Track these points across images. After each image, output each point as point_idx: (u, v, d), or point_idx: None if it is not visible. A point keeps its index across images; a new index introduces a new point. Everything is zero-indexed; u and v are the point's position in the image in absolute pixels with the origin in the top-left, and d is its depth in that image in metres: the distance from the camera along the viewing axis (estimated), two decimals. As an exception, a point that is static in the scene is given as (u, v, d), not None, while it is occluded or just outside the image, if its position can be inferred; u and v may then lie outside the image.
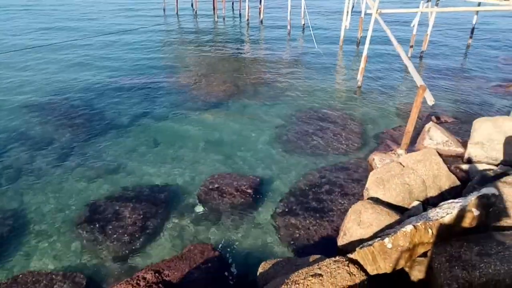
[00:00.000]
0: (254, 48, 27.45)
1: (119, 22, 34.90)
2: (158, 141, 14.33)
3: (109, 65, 22.68)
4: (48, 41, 27.07)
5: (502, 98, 17.40)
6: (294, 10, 31.30)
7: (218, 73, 21.56)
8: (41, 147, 13.81)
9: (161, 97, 18.23)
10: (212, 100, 17.85)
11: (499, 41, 27.66)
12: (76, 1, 44.56)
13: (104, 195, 11.26)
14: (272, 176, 12.23)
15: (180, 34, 31.28)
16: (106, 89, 19.02)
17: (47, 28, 31.66)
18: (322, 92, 18.73)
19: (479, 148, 12.00)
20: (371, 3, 18.13)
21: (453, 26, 31.79)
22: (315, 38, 26.90)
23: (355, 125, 15.36)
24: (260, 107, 17.26)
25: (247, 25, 33.64)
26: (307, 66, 22.79)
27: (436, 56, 24.08)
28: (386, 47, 23.95)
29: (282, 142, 14.21)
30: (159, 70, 21.85)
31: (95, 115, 16.38)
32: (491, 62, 22.82)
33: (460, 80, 20.06)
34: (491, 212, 6.34)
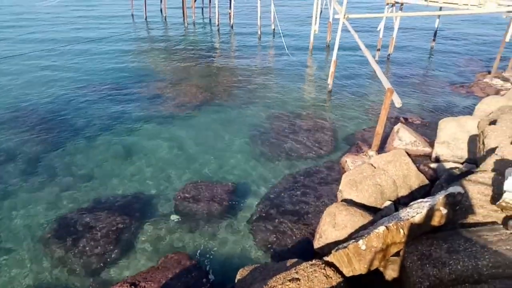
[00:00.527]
0: (225, 53, 27.48)
1: (87, 29, 34.08)
2: (130, 150, 14.06)
3: (77, 75, 22.08)
4: (12, 51, 26.12)
5: (464, 98, 18.18)
6: (264, 15, 31.60)
7: (190, 79, 21.44)
8: (7, 160, 13.26)
9: (132, 105, 17.92)
10: (184, 107, 17.71)
11: (460, 43, 28.93)
12: (40, 10, 43.13)
13: (75, 207, 10.94)
14: (247, 182, 12.26)
15: (150, 40, 30.89)
16: (75, 99, 18.51)
17: (11, 38, 30.51)
18: (294, 96, 18.96)
19: (445, 147, 12.49)
20: (338, 8, 18.56)
21: (417, 30, 32.99)
22: (285, 42, 27.24)
23: (327, 128, 15.64)
24: (233, 112, 17.28)
25: (218, 31, 33.64)
26: (278, 71, 23.02)
27: (402, 58, 24.90)
28: (354, 51, 24.54)
29: (256, 147, 14.27)
30: (130, 78, 21.48)
31: (63, 125, 15.89)
32: (453, 64, 23.82)
33: (425, 82, 20.82)
34: (458, 210, 6.61)
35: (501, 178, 6.98)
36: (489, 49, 27.08)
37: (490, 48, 27.26)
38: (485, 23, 35.12)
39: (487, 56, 25.30)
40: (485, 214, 6.63)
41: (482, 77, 20.54)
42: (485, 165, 8.11)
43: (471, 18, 35.72)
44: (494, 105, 13.18)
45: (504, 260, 5.30)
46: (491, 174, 7.42)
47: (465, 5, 18.95)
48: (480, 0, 18.91)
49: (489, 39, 29.97)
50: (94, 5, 46.80)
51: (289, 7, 44.40)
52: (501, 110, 11.98)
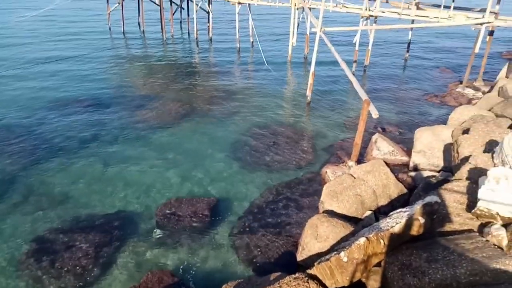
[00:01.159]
0: (204, 67, 27.54)
1: (62, 45, 33.57)
2: (109, 166, 13.82)
3: (53, 92, 21.57)
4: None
5: (438, 108, 18.75)
6: (243, 28, 31.92)
7: (169, 94, 21.34)
8: (-21, 179, 12.84)
9: (112, 120, 17.68)
10: (164, 120, 17.60)
11: (432, 54, 29.94)
12: (14, 26, 42.27)
13: (52, 226, 10.63)
14: (229, 195, 12.22)
15: (128, 55, 30.66)
16: (51, 117, 18.06)
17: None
18: (274, 108, 19.13)
19: (421, 156, 12.83)
20: (315, 22, 18.95)
21: (392, 42, 33.98)
22: (264, 55, 27.55)
23: (307, 140, 15.82)
24: (214, 125, 17.28)
25: (197, 44, 33.73)
26: (257, 84, 23.21)
27: (378, 70, 25.55)
28: (332, 63, 25.01)
29: (237, 160, 14.28)
30: (108, 94, 21.19)
31: (40, 141, 15.50)
32: (427, 75, 24.59)
33: (401, 92, 21.39)
34: (435, 219, 6.78)
35: (475, 186, 7.20)
36: (460, 59, 28.11)
37: (461, 58, 28.30)
38: (455, 35, 36.50)
39: (458, 66, 26.24)
40: (462, 222, 6.83)
41: (454, 87, 21.27)
42: (460, 173, 8.37)
43: (443, 30, 37.05)
44: (466, 114, 13.66)
45: (481, 267, 5.46)
46: (465, 182, 7.66)
47: (436, 18, 19.69)
48: (450, 14, 19.71)
49: (460, 50, 31.14)
50: (70, 20, 46.23)
51: (267, 21, 45.01)
52: (473, 119, 12.41)
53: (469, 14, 19.59)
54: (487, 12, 18.08)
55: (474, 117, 12.49)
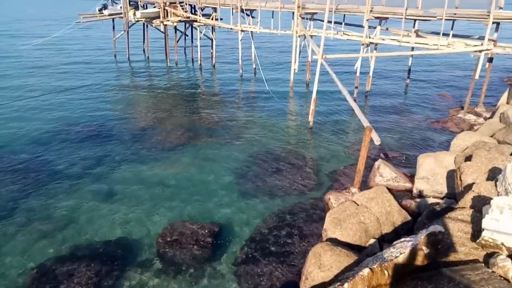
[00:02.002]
0: (207, 92, 27.91)
1: (68, 70, 34.27)
2: (111, 192, 13.83)
3: (57, 117, 21.89)
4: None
5: (440, 134, 18.81)
6: (245, 55, 32.52)
7: (172, 119, 21.57)
8: (-18, 205, 12.85)
9: (114, 145, 17.81)
10: (167, 145, 17.71)
11: (433, 80, 30.26)
12: (21, 53, 43.30)
13: (54, 254, 10.56)
14: (231, 222, 12.15)
15: (133, 81, 31.20)
16: (55, 142, 18.23)
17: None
18: (276, 134, 19.24)
19: (425, 183, 12.79)
20: (316, 49, 19.30)
21: (392, 67, 34.42)
22: (266, 81, 27.94)
23: (309, 165, 15.82)
24: (216, 150, 17.36)
25: (200, 70, 34.31)
26: (260, 109, 23.45)
27: (379, 95, 25.79)
28: (334, 89, 25.30)
29: (240, 185, 14.27)
30: (112, 119, 21.46)
31: (43, 166, 15.61)
32: (428, 100, 24.79)
33: (402, 118, 21.51)
34: (440, 249, 6.71)
35: (479, 215, 7.16)
36: (460, 85, 28.38)
37: (461, 84, 28.58)
38: (455, 60, 36.99)
39: (459, 92, 26.47)
40: (467, 252, 6.74)
41: (455, 112, 21.39)
42: (464, 201, 8.32)
43: (443, 56, 37.57)
44: (468, 141, 13.70)
45: (488, 300, 5.37)
46: (469, 211, 7.61)
47: (435, 45, 20.03)
48: (449, 41, 20.07)
49: (460, 76, 31.49)
50: (75, 48, 47.27)
51: (269, 47, 45.87)
52: (475, 145, 12.44)
53: (468, 42, 19.92)
54: (486, 40, 18.41)
55: (476, 144, 12.52)
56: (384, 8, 21.44)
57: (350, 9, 22.83)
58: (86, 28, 54.12)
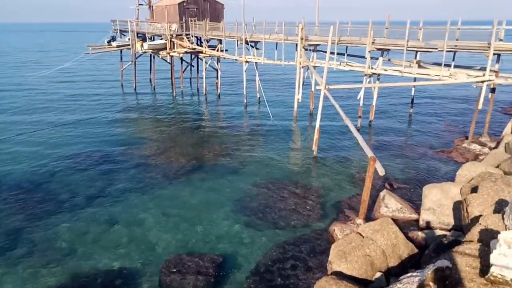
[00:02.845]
0: (212, 121, 28.18)
1: (75, 98, 34.91)
2: (114, 221, 13.76)
3: (63, 146, 22.14)
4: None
5: (445, 164, 18.70)
6: (250, 85, 33.05)
7: (177, 148, 21.71)
8: (-16, 235, 12.80)
9: (119, 174, 17.86)
10: (171, 175, 17.72)
11: (436, 109, 30.41)
12: (30, 84, 44.22)
13: (55, 284, 10.42)
14: (235, 253, 11.96)
15: (139, 110, 31.65)
16: (60, 171, 18.38)
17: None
18: (280, 163, 19.23)
19: (431, 214, 12.61)
20: (319, 80, 19.59)
21: (396, 97, 34.73)
22: (270, 110, 28.22)
23: (314, 195, 15.71)
24: (220, 179, 17.33)
25: (205, 100, 34.81)
26: (264, 137, 23.56)
27: (383, 125, 25.88)
28: (337, 119, 25.46)
29: (243, 215, 14.14)
30: (117, 147, 21.63)
31: (46, 196, 15.64)
32: (432, 129, 24.82)
33: (407, 147, 21.49)
34: (448, 284, 6.54)
35: (487, 249, 7.01)
36: (464, 114, 28.48)
37: (465, 113, 28.69)
38: (458, 90, 37.28)
39: (462, 121, 26.53)
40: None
41: (460, 142, 21.35)
42: (471, 235, 8.18)
43: (445, 86, 37.92)
44: (474, 171, 13.60)
45: None
46: (477, 245, 7.46)
47: (438, 76, 20.25)
48: (451, 72, 20.29)
49: (463, 105, 31.67)
50: (83, 80, 48.33)
51: (273, 77, 46.64)
52: (481, 176, 12.34)
53: (470, 72, 20.11)
54: (487, 71, 18.61)
55: (482, 175, 12.42)
56: (386, 40, 21.85)
57: (352, 40, 23.30)
58: (94, 59, 55.41)
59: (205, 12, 36.88)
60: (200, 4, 36.60)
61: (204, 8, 36.85)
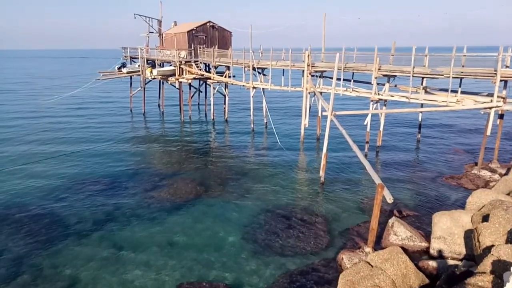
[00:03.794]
0: (219, 147, 28.29)
1: (84, 123, 35.45)
2: (120, 247, 13.65)
3: (72, 168, 22.38)
4: (8, 154, 26.76)
5: (455, 190, 18.41)
6: (257, 110, 33.31)
7: (185, 173, 21.73)
8: (-10, 261, 12.77)
9: (125, 199, 17.86)
10: (178, 202, 17.67)
11: (444, 134, 30.24)
12: (41, 110, 45.17)
13: (57, 315, 10.26)
14: (241, 282, 11.73)
15: (147, 135, 31.97)
16: (68, 193, 18.49)
17: (10, 140, 31.49)
18: (288, 189, 19.10)
19: (442, 243, 12.32)
20: (326, 106, 19.69)
21: (403, 122, 34.68)
22: (277, 135, 28.30)
23: (321, 223, 15.49)
24: (227, 205, 17.23)
25: (213, 125, 35.08)
26: (271, 163, 23.51)
27: (391, 150, 25.73)
28: (345, 144, 25.38)
29: (250, 243, 13.95)
30: (124, 173, 21.74)
31: (52, 221, 15.65)
32: (441, 155, 24.59)
33: (415, 173, 21.25)
34: (461, 319, 6.32)
35: (500, 281, 6.80)
36: (473, 140, 28.26)
37: (474, 139, 28.46)
38: (466, 115, 37.13)
39: (471, 146, 26.29)
40: (490, 323, 6.32)
41: (470, 168, 21.08)
42: (483, 266, 7.95)
43: (453, 110, 37.82)
44: (484, 198, 13.35)
45: None
46: (490, 277, 7.24)
47: (445, 102, 20.23)
48: (458, 97, 20.27)
49: (472, 130, 31.46)
50: (93, 106, 49.16)
51: (280, 103, 47.02)
52: (492, 204, 12.10)
53: (477, 98, 20.05)
54: (495, 97, 18.55)
55: (493, 202, 12.18)
56: (392, 66, 22.03)
57: (358, 67, 23.52)
58: (104, 84, 56.51)
59: (214, 40, 37.71)
60: (208, 32, 37.47)
61: (213, 36, 37.70)
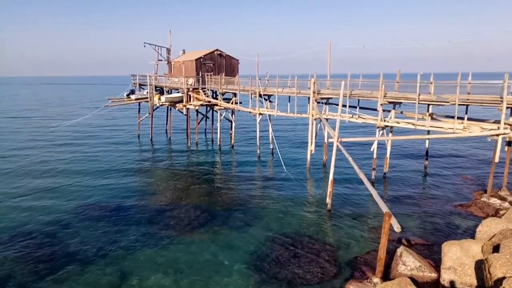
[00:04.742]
0: (226, 172, 28.28)
1: (91, 149, 35.81)
2: (123, 276, 13.49)
3: (78, 195, 22.46)
4: (12, 182, 27.00)
5: (464, 218, 18.09)
6: (263, 136, 33.44)
7: (190, 199, 21.68)
8: (-6, 288, 12.68)
9: (131, 226, 17.79)
10: (183, 229, 17.54)
11: (452, 161, 29.96)
12: (49, 136, 45.83)
13: None
14: (246, 314, 11.48)
15: (154, 160, 32.13)
16: (74, 220, 18.49)
17: (12, 170, 31.86)
18: (294, 216, 18.91)
19: (452, 273, 12.02)
20: (332, 133, 19.74)
21: (410, 148, 34.51)
22: (283, 162, 28.26)
23: (328, 251, 15.23)
24: (233, 233, 17.05)
25: (219, 150, 35.21)
26: (277, 189, 23.39)
27: (398, 177, 25.49)
28: (351, 170, 25.25)
29: (256, 273, 13.70)
30: (130, 199, 21.75)
31: (58, 247, 15.60)
32: (449, 182, 24.28)
33: (423, 201, 20.96)
34: None
35: (513, 316, 6.57)
36: (481, 166, 27.92)
37: (482, 165, 28.14)
38: (473, 141, 36.88)
39: (480, 173, 25.96)
40: None
41: (479, 196, 20.77)
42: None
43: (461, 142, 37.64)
44: (494, 228, 13.11)
45: None
46: (502, 311, 7.01)
47: (451, 129, 20.18)
48: (464, 124, 20.22)
49: (480, 157, 31.14)
50: (102, 128, 49.79)
51: (286, 129, 47.23)
52: (502, 234, 11.87)
53: (484, 125, 19.98)
54: (502, 124, 18.49)
55: (503, 232, 11.95)
56: (397, 93, 22.16)
57: (364, 94, 23.70)
58: (113, 110, 57.44)
59: (221, 67, 38.42)
60: (216, 60, 38.23)
61: (220, 64, 38.43)
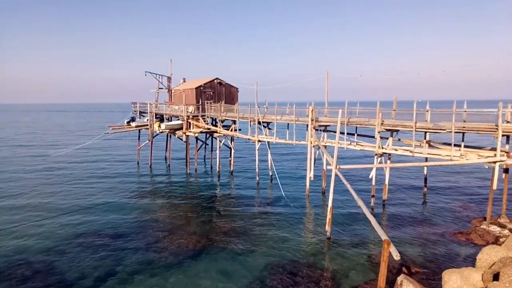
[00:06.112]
0: (224, 199, 28.20)
1: (91, 174, 35.80)
2: (120, 307, 13.29)
3: (77, 222, 22.32)
4: (12, 209, 26.85)
5: (464, 246, 17.97)
6: (262, 162, 33.54)
7: (189, 226, 21.54)
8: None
9: (128, 254, 17.60)
10: (181, 255, 17.38)
11: (451, 188, 29.98)
12: (52, 160, 45.92)
13: None
14: None
15: (152, 187, 32.07)
16: (71, 248, 18.31)
17: (14, 195, 31.79)
18: (293, 244, 18.76)
19: (453, 303, 11.89)
20: (330, 160, 19.88)
21: (408, 175, 34.56)
22: (282, 188, 28.24)
23: (328, 279, 15.06)
24: (231, 262, 16.86)
25: (218, 177, 35.22)
26: (276, 216, 23.28)
27: (397, 204, 25.44)
28: (350, 197, 25.26)
29: (254, 303, 13.51)
30: (128, 226, 21.61)
31: (54, 277, 15.37)
32: (448, 209, 24.23)
33: (423, 228, 20.86)
34: None
35: None
36: (479, 193, 27.96)
37: (480, 192, 28.17)
38: (471, 168, 37.00)
39: (479, 200, 25.96)
40: None
41: (478, 223, 20.70)
42: (496, 329, 7.63)
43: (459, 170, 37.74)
44: (494, 255, 13.04)
45: None
46: None
47: (448, 156, 20.37)
48: (461, 151, 20.42)
49: (478, 183, 31.21)
50: (102, 155, 49.89)
51: (285, 156, 47.40)
52: (502, 262, 11.81)
53: (481, 152, 20.17)
54: (498, 151, 18.68)
55: (503, 260, 11.90)
56: (394, 121, 22.49)
57: (361, 121, 24.03)
58: (113, 138, 57.79)
59: (221, 95, 39.05)
60: (216, 88, 38.91)
61: (220, 92, 39.09)
